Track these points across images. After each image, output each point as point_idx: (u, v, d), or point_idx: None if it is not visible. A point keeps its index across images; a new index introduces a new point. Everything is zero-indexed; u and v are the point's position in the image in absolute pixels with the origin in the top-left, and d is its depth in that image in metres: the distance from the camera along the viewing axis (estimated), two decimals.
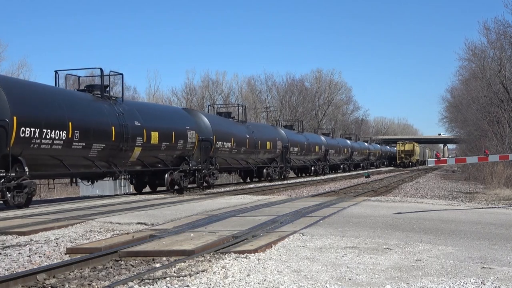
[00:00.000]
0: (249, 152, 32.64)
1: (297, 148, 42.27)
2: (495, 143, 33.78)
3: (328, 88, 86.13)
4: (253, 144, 32.99)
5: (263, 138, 34.95)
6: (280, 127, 44.06)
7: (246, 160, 32.68)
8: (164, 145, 22.74)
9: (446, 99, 65.70)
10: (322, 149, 49.09)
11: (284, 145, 38.53)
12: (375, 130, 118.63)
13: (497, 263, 6.31)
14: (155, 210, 13.18)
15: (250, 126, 34.37)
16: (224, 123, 30.82)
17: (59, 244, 8.37)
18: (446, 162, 14.54)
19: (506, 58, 33.97)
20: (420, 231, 9.02)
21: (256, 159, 34.03)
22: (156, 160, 22.92)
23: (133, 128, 20.79)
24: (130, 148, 20.59)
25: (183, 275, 5.79)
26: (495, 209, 13.73)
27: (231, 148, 29.73)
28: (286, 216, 11.20)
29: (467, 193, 24.90)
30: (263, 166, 35.55)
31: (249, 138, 32.45)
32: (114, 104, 20.57)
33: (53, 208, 14.89)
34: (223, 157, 29.07)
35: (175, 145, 23.65)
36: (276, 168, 37.18)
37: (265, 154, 35.43)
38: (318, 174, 47.56)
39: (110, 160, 20.00)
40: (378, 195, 20.44)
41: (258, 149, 33.89)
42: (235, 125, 32.31)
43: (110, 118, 19.72)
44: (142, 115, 21.85)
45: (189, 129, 24.93)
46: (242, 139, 31.49)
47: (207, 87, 76.18)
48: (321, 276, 5.72)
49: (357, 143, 68.24)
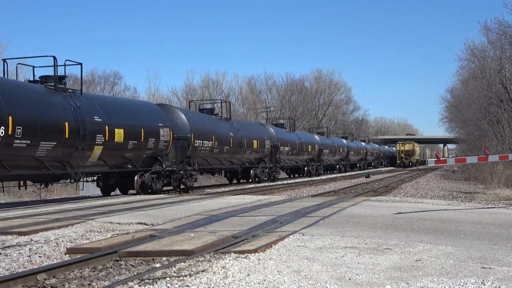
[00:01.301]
0: (234, 151, 30.34)
1: (288, 147, 40.24)
2: (495, 143, 33.78)
3: (328, 88, 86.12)
4: (238, 143, 30.61)
5: (250, 136, 32.68)
6: (270, 125, 42.00)
7: (230, 160, 30.40)
8: (131, 144, 20.63)
9: (446, 99, 65.80)
10: (315, 148, 47.09)
11: (274, 144, 36.50)
12: (375, 130, 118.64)
13: (497, 263, 6.31)
14: (155, 210, 13.18)
15: (235, 124, 31.92)
16: (205, 120, 28.48)
17: (59, 244, 8.37)
18: (446, 162, 14.55)
19: (506, 58, 33.98)
20: (420, 231, 9.02)
21: (241, 159, 31.75)
22: (124, 161, 20.84)
23: (93, 124, 18.58)
24: (88, 147, 18.38)
25: (183, 275, 5.79)
26: (495, 209, 13.73)
27: (212, 147, 27.40)
28: (286, 216, 11.20)
29: (467, 193, 24.90)
30: (250, 167, 33.45)
31: (233, 136, 30.08)
32: (70, 97, 18.29)
33: (53, 208, 14.88)
34: (204, 157, 26.83)
35: (145, 144, 21.57)
36: (264, 169, 35.25)
37: (252, 153, 33.27)
38: (311, 175, 45.71)
39: (64, 161, 17.79)
40: (378, 195, 20.43)
41: (244, 148, 31.56)
42: (218, 123, 29.88)
43: (63, 113, 17.47)
44: (105, 110, 19.65)
45: (162, 126, 22.83)
46: (225, 137, 29.06)
47: (207, 87, 76.18)
48: (321, 276, 5.72)
49: (353, 142, 66.34)
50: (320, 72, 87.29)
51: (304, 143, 44.19)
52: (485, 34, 35.73)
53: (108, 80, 68.00)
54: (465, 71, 45.74)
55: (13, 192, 27.62)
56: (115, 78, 68.69)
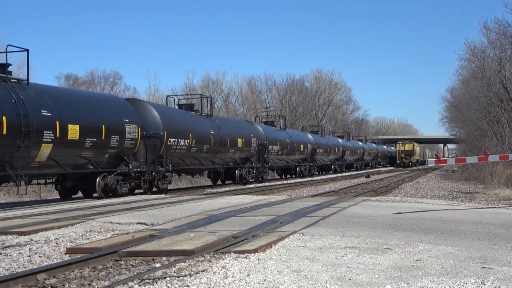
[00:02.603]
0: (215, 150, 27.96)
1: (277, 146, 37.86)
2: (495, 143, 33.79)
3: (328, 88, 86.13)
4: (220, 142, 28.23)
5: (234, 134, 30.21)
6: (258, 123, 39.65)
7: (211, 160, 28.07)
8: (89, 141, 18.37)
9: (446, 99, 65.90)
10: (308, 148, 44.72)
11: (261, 143, 34.24)
12: (375, 130, 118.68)
13: (497, 263, 6.31)
14: (155, 210, 13.18)
15: (217, 121, 29.38)
16: (182, 117, 26.24)
17: (59, 244, 8.37)
18: (446, 162, 14.54)
19: (506, 58, 33.98)
20: (420, 231, 9.02)
21: (224, 158, 29.39)
22: (82, 161, 18.65)
23: (39, 119, 16.31)
24: (34, 146, 16.08)
25: (183, 275, 5.79)
26: (495, 209, 13.72)
27: (190, 146, 25.08)
28: (286, 216, 11.20)
29: (467, 193, 24.89)
30: (235, 167, 31.24)
31: (214, 134, 27.70)
32: (12, 88, 16.00)
33: (53, 208, 14.88)
34: (180, 156, 24.70)
35: (107, 142, 19.33)
36: (251, 169, 32.97)
37: (237, 153, 30.86)
38: (304, 175, 43.45)
39: (5, 161, 15.58)
40: (378, 195, 20.43)
41: (227, 147, 29.08)
42: (197, 119, 27.57)
43: (1, 106, 15.29)
44: (56, 103, 17.32)
45: (129, 122, 20.65)
46: (204, 135, 26.77)
47: (207, 87, 76.13)
48: (321, 276, 5.72)
49: (349, 142, 64.04)
50: (320, 72, 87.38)
51: (295, 142, 42.09)
52: (485, 34, 35.80)
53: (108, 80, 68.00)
54: (465, 71, 45.83)
55: (13, 192, 27.61)
56: (115, 78, 68.68)
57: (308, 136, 47.41)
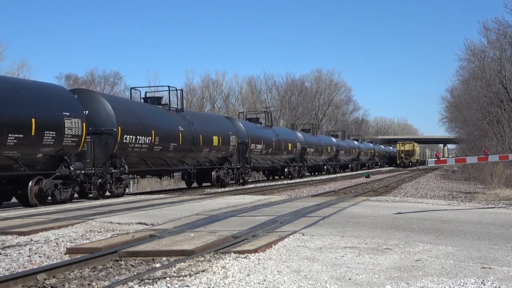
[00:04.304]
0: (185, 149, 25.29)
1: (261, 145, 34.67)
2: (495, 143, 33.79)
3: (328, 88, 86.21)
4: (191, 139, 25.39)
5: (208, 131, 27.21)
6: (241, 119, 36.82)
7: (181, 160, 25.42)
8: (13, 138, 15.56)
9: (446, 99, 65.88)
10: (297, 147, 41.73)
11: (242, 141, 31.21)
12: (375, 130, 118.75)
13: (497, 263, 6.31)
14: (155, 210, 13.19)
15: (188, 116, 26.62)
16: (143, 111, 23.26)
17: (59, 244, 8.37)
18: (446, 162, 14.54)
19: (506, 58, 33.97)
20: (420, 231, 9.02)
21: (197, 158, 26.49)
22: (7, 162, 15.77)
23: None
24: None
25: (183, 275, 5.79)
26: (495, 209, 13.72)
27: (152, 144, 22.43)
28: (286, 216, 11.20)
29: (467, 193, 24.89)
30: (211, 168, 27.96)
31: (183, 131, 25.10)
32: None
33: (53, 208, 14.89)
34: (141, 156, 22.15)
35: (39, 140, 16.46)
36: (230, 170, 29.59)
37: (212, 152, 27.60)
38: (292, 177, 40.55)
39: None
40: (378, 195, 20.43)
41: (200, 145, 26.08)
42: (164, 114, 24.90)
43: None
44: None
45: (70, 116, 17.73)
46: (171, 132, 24.20)
47: (207, 87, 76.23)
48: (321, 276, 5.72)
49: (344, 141, 61.02)
50: (320, 72, 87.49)
51: (283, 141, 38.87)
52: (485, 34, 35.80)
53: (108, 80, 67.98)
54: (465, 71, 45.86)
55: None
56: (115, 78, 68.63)
57: (298, 134, 44.67)
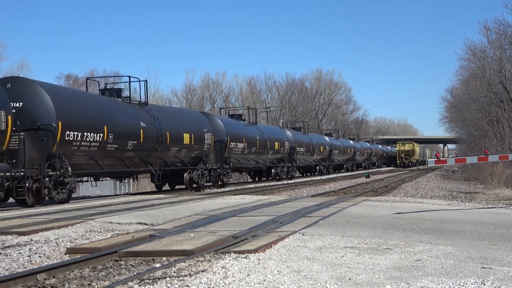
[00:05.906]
0: (147, 148, 22.27)
1: (243, 144, 31.41)
2: (495, 143, 33.78)
3: (328, 88, 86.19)
4: (155, 137, 22.51)
5: (178, 128, 24.33)
6: (222, 115, 34.16)
7: (145, 161, 22.38)
8: None
9: (446, 99, 65.82)
10: (285, 146, 38.81)
11: (220, 139, 28.20)
12: (375, 130, 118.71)
13: (497, 263, 6.31)
14: (155, 210, 13.18)
15: (153, 111, 23.48)
16: (92, 103, 20.40)
17: (59, 244, 8.37)
18: (446, 162, 14.55)
19: (506, 58, 33.99)
20: (420, 231, 9.02)
21: (164, 158, 23.67)
22: None
23: None
24: None
25: (183, 275, 5.79)
26: (495, 209, 13.73)
27: (104, 142, 19.44)
28: (286, 216, 11.20)
29: (467, 193, 24.89)
30: (184, 169, 24.90)
31: (145, 127, 21.97)
32: None
33: (53, 208, 14.89)
34: (91, 156, 19.14)
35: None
36: (206, 171, 26.34)
37: (182, 151, 24.55)
38: (281, 178, 37.63)
39: None
40: (378, 195, 20.43)
41: (166, 144, 23.15)
42: (121, 109, 21.72)
43: None
44: None
45: None
46: (130, 129, 21.19)
47: (207, 87, 76.25)
48: (321, 276, 5.72)
49: (338, 140, 58.24)
50: (320, 72, 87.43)
51: (268, 140, 35.80)
52: (485, 34, 35.81)
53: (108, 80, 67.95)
54: (465, 71, 45.84)
55: None
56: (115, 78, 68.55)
57: (286, 132, 41.44)
